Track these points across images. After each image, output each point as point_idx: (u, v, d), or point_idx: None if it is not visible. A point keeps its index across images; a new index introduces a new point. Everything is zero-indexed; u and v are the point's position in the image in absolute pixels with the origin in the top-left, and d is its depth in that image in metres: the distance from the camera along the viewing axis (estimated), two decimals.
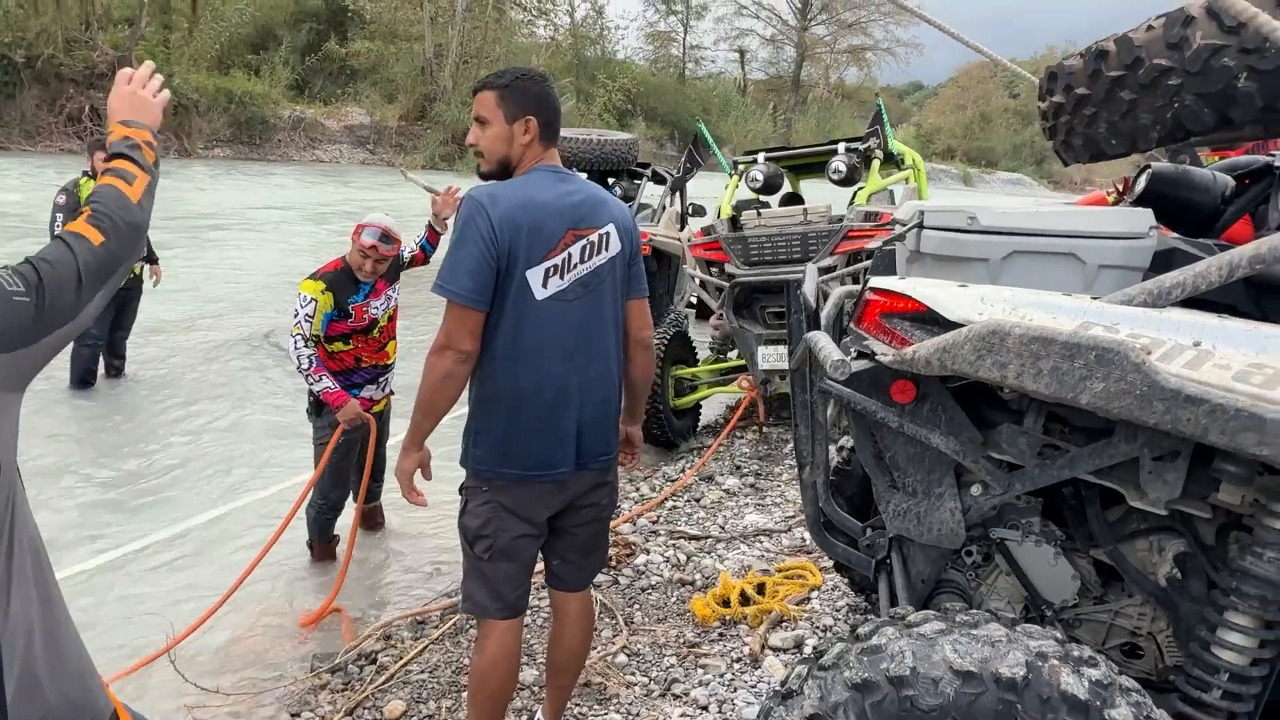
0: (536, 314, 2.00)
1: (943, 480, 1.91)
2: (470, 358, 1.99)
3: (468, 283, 1.93)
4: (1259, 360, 1.37)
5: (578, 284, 2.05)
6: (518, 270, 1.96)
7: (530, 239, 1.96)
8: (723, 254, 5.22)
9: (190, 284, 9.38)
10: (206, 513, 4.28)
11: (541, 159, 2.10)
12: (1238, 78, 1.63)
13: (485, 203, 1.96)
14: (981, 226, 1.71)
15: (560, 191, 2.05)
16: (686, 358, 5.79)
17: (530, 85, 2.09)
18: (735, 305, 5.21)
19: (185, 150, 25.33)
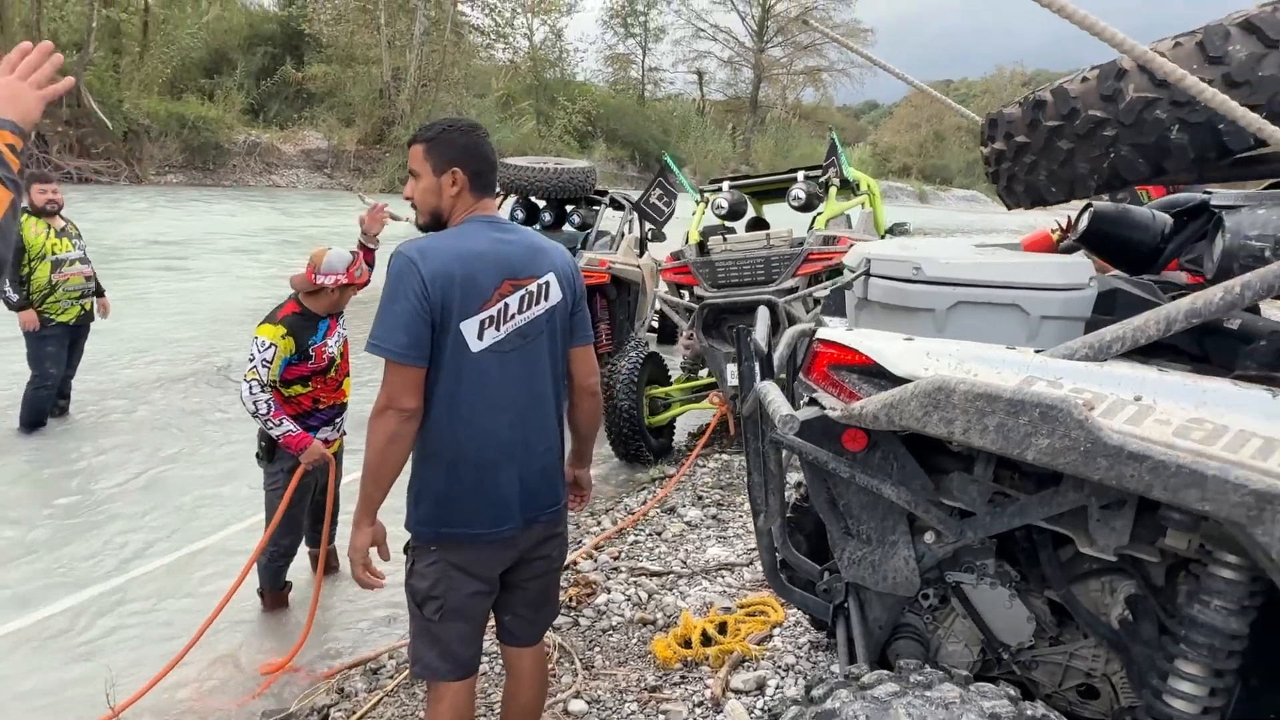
0: (473, 367, 1.96)
1: (896, 528, 1.90)
2: (415, 415, 1.95)
3: (402, 338, 1.89)
4: (1198, 415, 1.38)
5: (515, 334, 2.01)
6: (452, 323, 1.92)
7: (464, 291, 1.93)
8: (691, 277, 5.49)
9: (141, 316, 9.16)
10: (152, 561, 4.14)
11: (474, 209, 2.07)
12: (1170, 130, 1.66)
13: (415, 257, 1.92)
14: (926, 277, 1.71)
15: (495, 241, 2.01)
16: (659, 377, 6.00)
17: (457, 137, 2.05)
18: (705, 325, 5.48)
19: (136, 177, 24.86)
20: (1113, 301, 1.98)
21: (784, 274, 5.24)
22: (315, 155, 30.31)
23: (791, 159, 52.30)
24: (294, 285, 3.49)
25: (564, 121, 38.12)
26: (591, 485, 2.45)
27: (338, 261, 3.41)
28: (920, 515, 1.83)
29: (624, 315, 7.28)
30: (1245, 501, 1.28)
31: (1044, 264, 1.68)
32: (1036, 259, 1.77)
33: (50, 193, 5.53)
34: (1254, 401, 1.36)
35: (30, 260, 5.41)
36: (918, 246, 1.97)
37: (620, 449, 5.72)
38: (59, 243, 5.56)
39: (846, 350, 1.69)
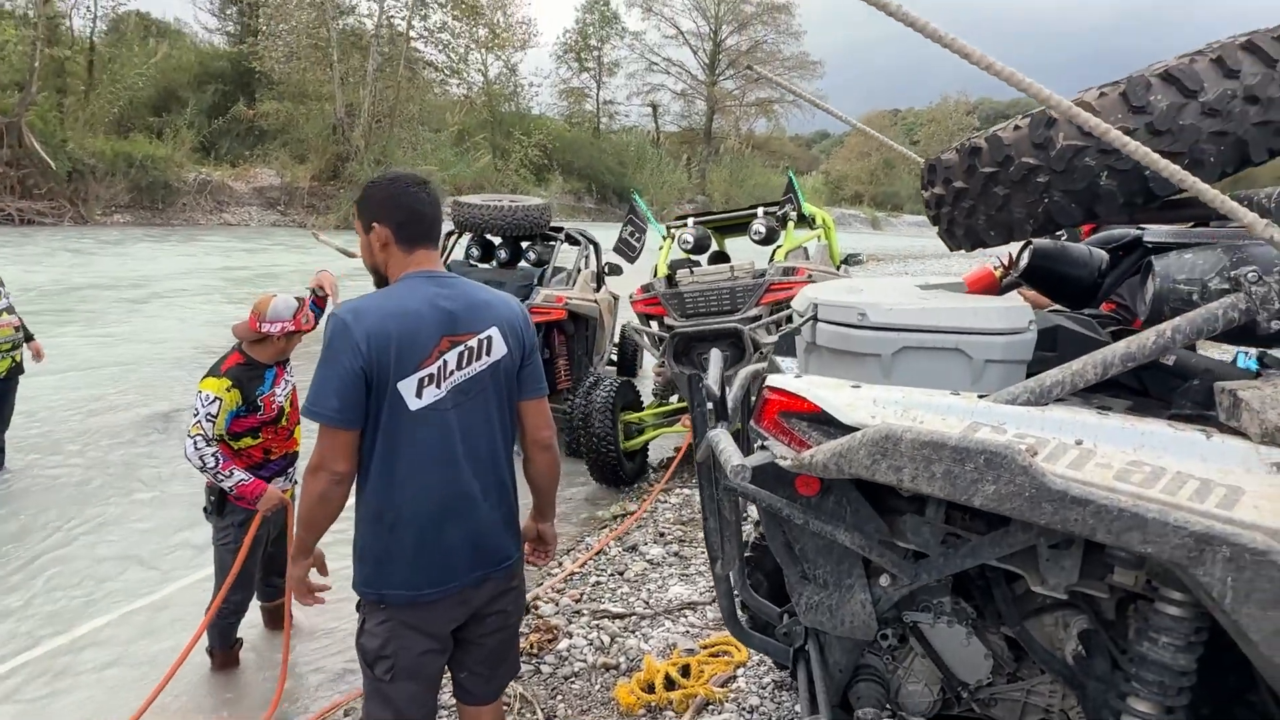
0: (412, 426, 1.93)
1: (852, 572, 1.90)
2: (344, 479, 1.93)
3: (334, 402, 1.86)
4: (1137, 458, 1.41)
5: (455, 391, 1.97)
6: (389, 383, 1.89)
7: (400, 350, 1.89)
8: (661, 308, 5.81)
9: (84, 361, 8.90)
10: (95, 620, 3.98)
11: (410, 264, 2.02)
12: (1099, 176, 1.71)
13: (349, 319, 1.89)
14: (871, 322, 1.73)
15: (433, 296, 1.97)
16: (633, 403, 6.24)
17: (377, 191, 2.03)
18: (675, 353, 5.77)
19: (81, 217, 24.33)
20: (1054, 339, 2.03)
21: (748, 303, 5.58)
22: (268, 193, 29.98)
23: (746, 188, 53.15)
24: (237, 334, 3.40)
25: (520, 155, 38.27)
26: (555, 539, 2.39)
27: (284, 309, 3.32)
28: (875, 559, 1.84)
29: (582, 350, 7.25)
30: (1185, 543, 1.30)
31: (985, 309, 1.71)
32: (978, 304, 1.80)
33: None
34: (1189, 444, 1.40)
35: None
36: (863, 290, 1.99)
37: (598, 473, 5.91)
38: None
39: (795, 398, 1.70)
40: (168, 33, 35.36)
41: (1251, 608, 1.29)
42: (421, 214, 2.02)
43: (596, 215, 42.98)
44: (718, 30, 58.30)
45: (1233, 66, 1.66)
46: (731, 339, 5.60)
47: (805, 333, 1.95)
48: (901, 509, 1.86)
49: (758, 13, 57.30)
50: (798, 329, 2.00)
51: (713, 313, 5.64)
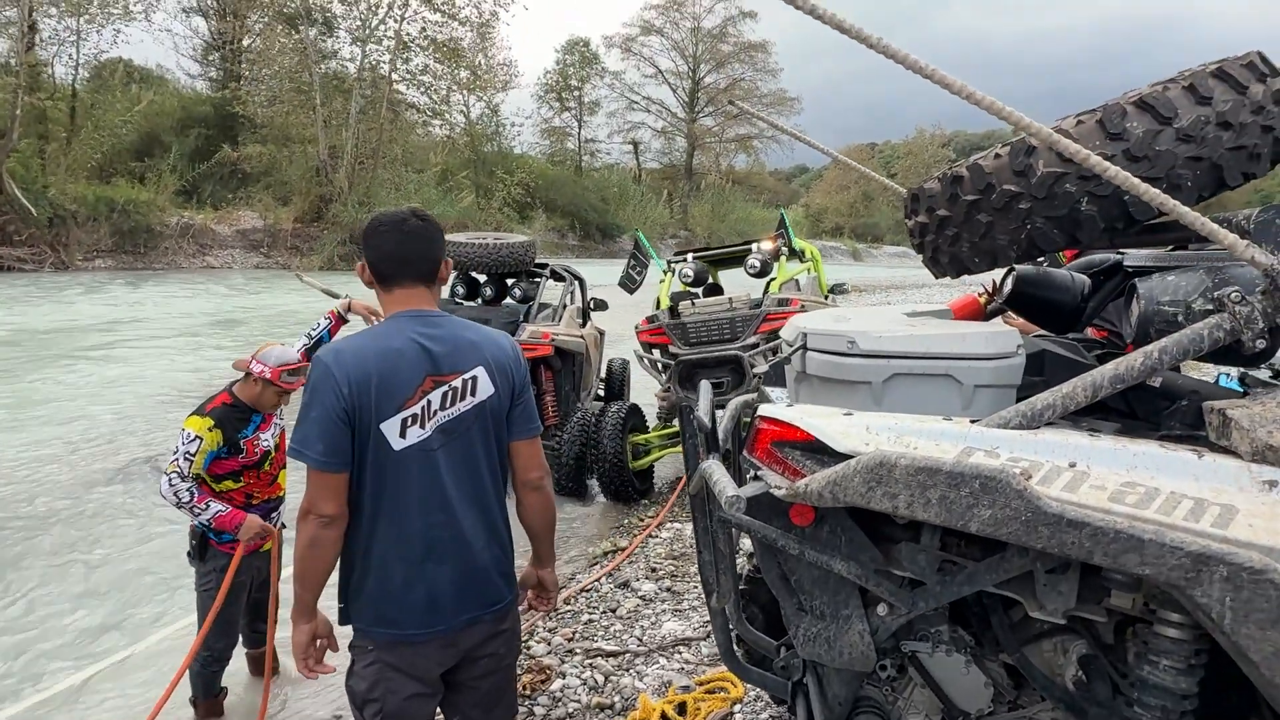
0: (396, 466, 1.91)
1: (849, 602, 1.88)
2: (334, 521, 1.89)
3: (319, 445, 1.85)
4: (1130, 479, 1.41)
5: (440, 431, 1.95)
6: (372, 424, 1.88)
7: (382, 391, 1.88)
8: (665, 337, 6.28)
9: (64, 409, 8.78)
10: (78, 673, 3.87)
11: (394, 302, 2.01)
12: (1080, 202, 1.74)
13: (330, 361, 1.89)
14: (861, 350, 1.74)
15: (417, 336, 1.95)
16: (640, 426, 6.69)
17: (365, 230, 2.05)
18: (680, 379, 6.24)
19: (62, 263, 24.20)
20: (1041, 363, 2.05)
21: (747, 332, 6.04)
22: (251, 235, 29.96)
23: (728, 223, 53.73)
24: (235, 365, 3.43)
25: (503, 194, 38.53)
26: (557, 586, 2.33)
27: (273, 357, 3.32)
28: (872, 588, 1.82)
29: (569, 386, 7.24)
30: (1182, 564, 1.30)
31: (973, 334, 1.73)
32: (966, 329, 1.82)
33: None
34: (1182, 464, 1.40)
35: None
36: (851, 318, 2.00)
37: (608, 490, 6.39)
38: None
39: (788, 427, 1.70)
40: (150, 79, 35.57)
41: (1250, 628, 1.28)
42: (391, 253, 2.00)
43: (580, 252, 43.22)
44: (696, 69, 59.35)
45: (1204, 93, 1.70)
46: (732, 365, 6.09)
47: (795, 362, 1.95)
48: (897, 537, 1.85)
49: (735, 51, 58.47)
50: (787, 358, 2.01)
51: (714, 341, 6.11)
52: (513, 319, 7.12)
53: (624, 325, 14.53)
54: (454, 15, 34.65)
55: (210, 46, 37.35)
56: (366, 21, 33.16)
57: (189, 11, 37.04)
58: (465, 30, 35.77)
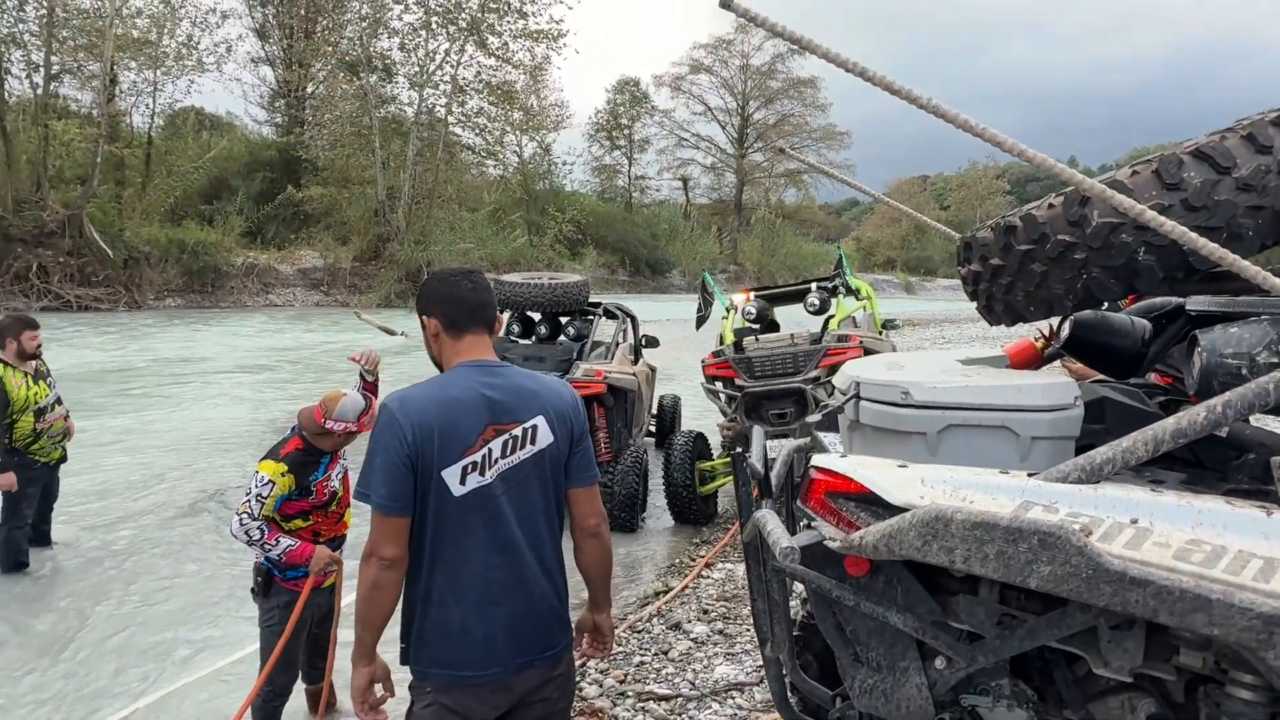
0: (457, 512, 1.97)
1: (906, 654, 1.86)
2: (395, 564, 1.96)
3: (383, 490, 1.93)
4: (1196, 536, 1.38)
5: (500, 479, 2.00)
6: (434, 470, 1.94)
7: (444, 438, 1.95)
8: (732, 371, 6.62)
9: (134, 444, 9.13)
10: (137, 701, 3.98)
11: (460, 352, 2.08)
12: (1137, 252, 1.73)
13: (396, 409, 1.97)
14: (915, 401, 1.74)
15: (479, 385, 2.01)
16: (705, 453, 7.07)
17: (426, 287, 2.13)
18: (746, 410, 6.58)
19: (135, 302, 25.26)
20: (1101, 410, 2.02)
21: (809, 366, 6.39)
22: (312, 274, 30.91)
23: (778, 257, 53.65)
24: (301, 421, 3.49)
25: (555, 231, 39.12)
26: (612, 631, 2.35)
27: (350, 409, 3.41)
28: (928, 640, 1.80)
29: (621, 423, 7.29)
30: (1253, 625, 1.27)
31: (1030, 385, 1.72)
32: (1023, 380, 1.81)
33: (39, 338, 5.45)
34: (1249, 521, 1.38)
35: (13, 413, 5.27)
36: (905, 366, 2.01)
37: (676, 513, 6.86)
38: (38, 388, 5.42)
39: (842, 478, 1.70)
40: (220, 125, 37.23)
41: None
42: (463, 299, 2.09)
43: (630, 287, 43.54)
44: (745, 105, 59.80)
45: (1264, 142, 1.68)
46: (795, 397, 6.43)
47: (848, 411, 1.96)
48: (954, 589, 1.83)
49: (784, 87, 58.76)
50: (840, 407, 2.02)
51: (778, 374, 6.45)
52: (566, 357, 7.23)
53: (675, 362, 14.58)
54: (508, 59, 35.58)
55: (276, 94, 38.97)
56: (424, 67, 34.25)
57: (257, 61, 38.81)
58: (519, 73, 36.68)
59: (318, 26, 35.97)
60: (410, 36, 34.08)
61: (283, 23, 37.52)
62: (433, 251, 31.39)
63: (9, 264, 23.37)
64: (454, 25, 33.67)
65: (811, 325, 7.52)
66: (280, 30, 37.74)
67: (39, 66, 25.61)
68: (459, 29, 33.70)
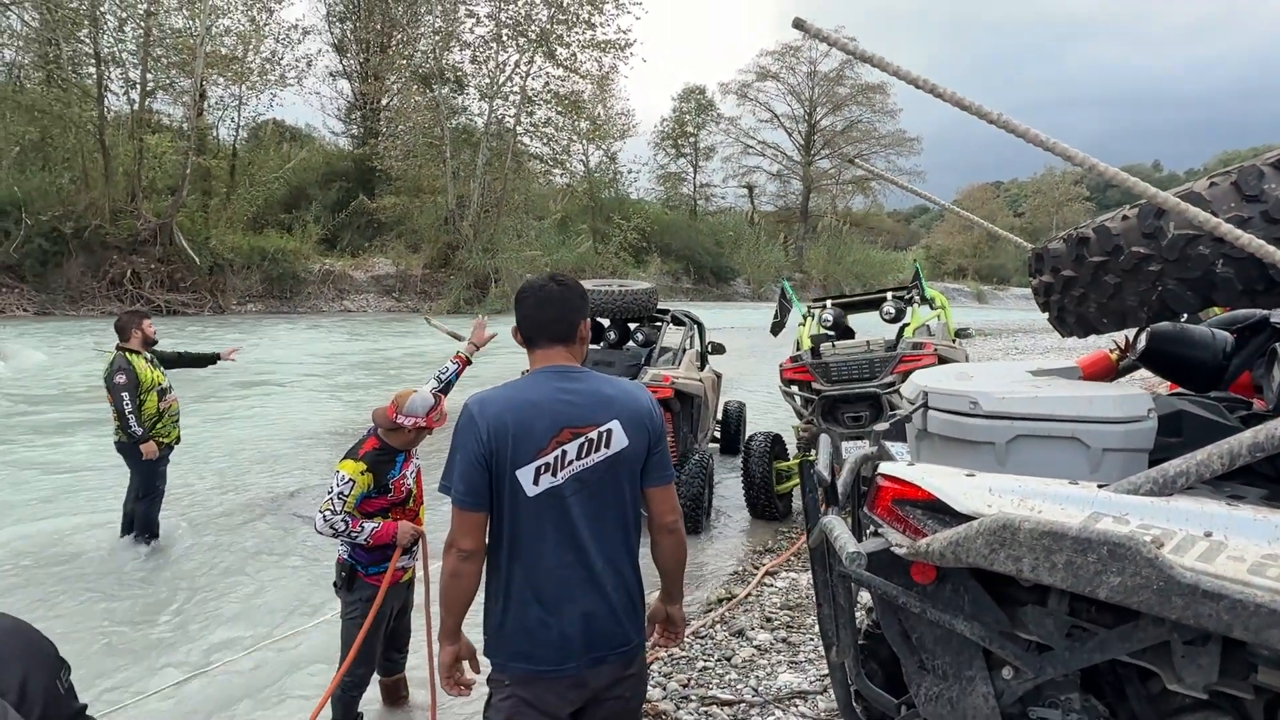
0: (531, 511, 2.06)
1: (972, 663, 1.87)
2: (472, 556, 2.07)
3: (461, 485, 2.05)
4: (1272, 551, 1.37)
5: (573, 479, 2.07)
6: (507, 470, 2.04)
7: (518, 439, 2.03)
8: (809, 375, 6.79)
9: (219, 444, 9.56)
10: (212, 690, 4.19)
11: (536, 359, 2.18)
12: (1215, 264, 1.71)
13: (475, 409, 2.07)
14: (984, 411, 1.76)
15: (556, 390, 2.10)
16: (782, 454, 7.29)
17: (517, 299, 2.22)
18: (823, 412, 6.74)
19: (219, 307, 26.42)
20: (1178, 424, 1.98)
21: (884, 372, 6.54)
22: (384, 281, 31.83)
23: (844, 265, 52.95)
24: (375, 419, 3.66)
25: (620, 239, 39.43)
26: (684, 622, 2.40)
27: (420, 405, 3.56)
28: (995, 650, 1.81)
29: (688, 428, 7.36)
30: None
31: (1102, 397, 1.71)
32: (1094, 391, 1.80)
33: (152, 327, 6.13)
34: None
35: (143, 393, 5.93)
36: (974, 376, 2.01)
37: (754, 509, 7.15)
38: (157, 373, 6.08)
39: (909, 486, 1.73)
40: (299, 137, 38.70)
41: None
42: (529, 315, 2.18)
43: (694, 295, 43.55)
44: (812, 112, 59.27)
45: None
46: (871, 401, 6.54)
47: (916, 420, 1.98)
48: (1022, 599, 1.83)
49: (852, 93, 58.05)
50: (908, 416, 2.04)
51: (854, 379, 6.62)
52: (635, 362, 7.34)
53: (741, 370, 14.55)
54: (575, 70, 36.12)
55: (352, 106, 40.33)
56: (494, 79, 35.03)
57: (335, 75, 40.26)
58: (586, 83, 37.20)
59: (393, 41, 37.08)
60: (481, 49, 34.95)
61: (359, 38, 38.81)
62: (500, 259, 32.01)
63: (105, 270, 24.72)
64: (524, 37, 34.32)
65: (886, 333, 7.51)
66: (357, 45, 39.06)
67: (135, 84, 27.04)
68: (529, 41, 34.33)
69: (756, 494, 7.06)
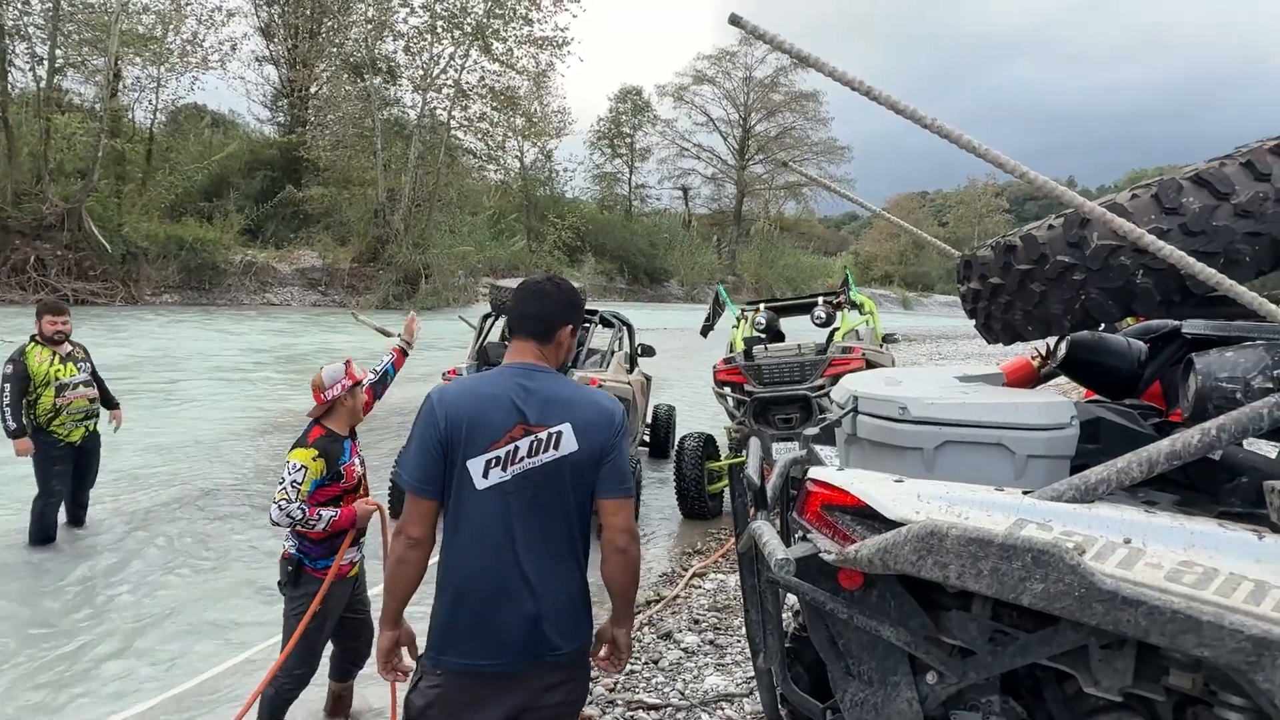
0: (475, 503, 2.06)
1: (897, 668, 1.87)
2: (419, 544, 2.07)
3: (416, 471, 2.07)
4: (1188, 558, 1.40)
5: (520, 477, 2.06)
6: (459, 459, 2.05)
7: (473, 429, 2.04)
8: (742, 377, 6.93)
9: (139, 437, 9.09)
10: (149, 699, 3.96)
11: (514, 354, 2.20)
12: (1135, 275, 1.74)
13: (435, 398, 2.11)
14: (912, 416, 1.76)
15: (516, 385, 2.10)
16: (714, 454, 7.49)
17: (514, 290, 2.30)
18: (755, 414, 6.87)
19: (132, 298, 25.20)
20: (1096, 430, 2.03)
21: (814, 375, 6.73)
22: (310, 274, 30.86)
23: (776, 269, 53.76)
24: (311, 414, 3.60)
25: (554, 237, 39.17)
26: (629, 648, 2.33)
27: (334, 370, 3.53)
28: (920, 655, 1.81)
29: None
30: (1243, 647, 1.29)
31: (1027, 404, 1.73)
32: (1019, 398, 1.82)
33: (60, 324, 5.84)
34: (1241, 544, 1.39)
35: (35, 387, 5.67)
36: (903, 382, 2.02)
37: (685, 508, 7.32)
38: (63, 368, 5.82)
39: (839, 491, 1.71)
40: (223, 123, 37.22)
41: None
42: (514, 306, 2.25)
43: (628, 295, 43.58)
44: (747, 117, 59.97)
45: (1263, 170, 1.70)
46: (801, 403, 6.73)
47: (846, 424, 1.97)
48: (947, 604, 1.84)
49: (786, 100, 58.94)
50: (838, 420, 2.03)
51: (785, 382, 6.78)
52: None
53: (672, 371, 14.57)
54: (512, 65, 35.63)
55: (280, 93, 38.96)
56: (429, 71, 34.28)
57: (262, 60, 38.79)
58: (522, 79, 36.78)
59: (323, 27, 35.96)
60: (415, 40, 34.14)
61: (288, 22, 37.53)
62: (431, 255, 31.40)
63: (7, 255, 23.31)
64: (459, 30, 33.73)
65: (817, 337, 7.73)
66: (285, 30, 37.74)
67: (43, 59, 25.57)
68: (464, 34, 33.76)
69: (688, 493, 7.24)
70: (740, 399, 7.00)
